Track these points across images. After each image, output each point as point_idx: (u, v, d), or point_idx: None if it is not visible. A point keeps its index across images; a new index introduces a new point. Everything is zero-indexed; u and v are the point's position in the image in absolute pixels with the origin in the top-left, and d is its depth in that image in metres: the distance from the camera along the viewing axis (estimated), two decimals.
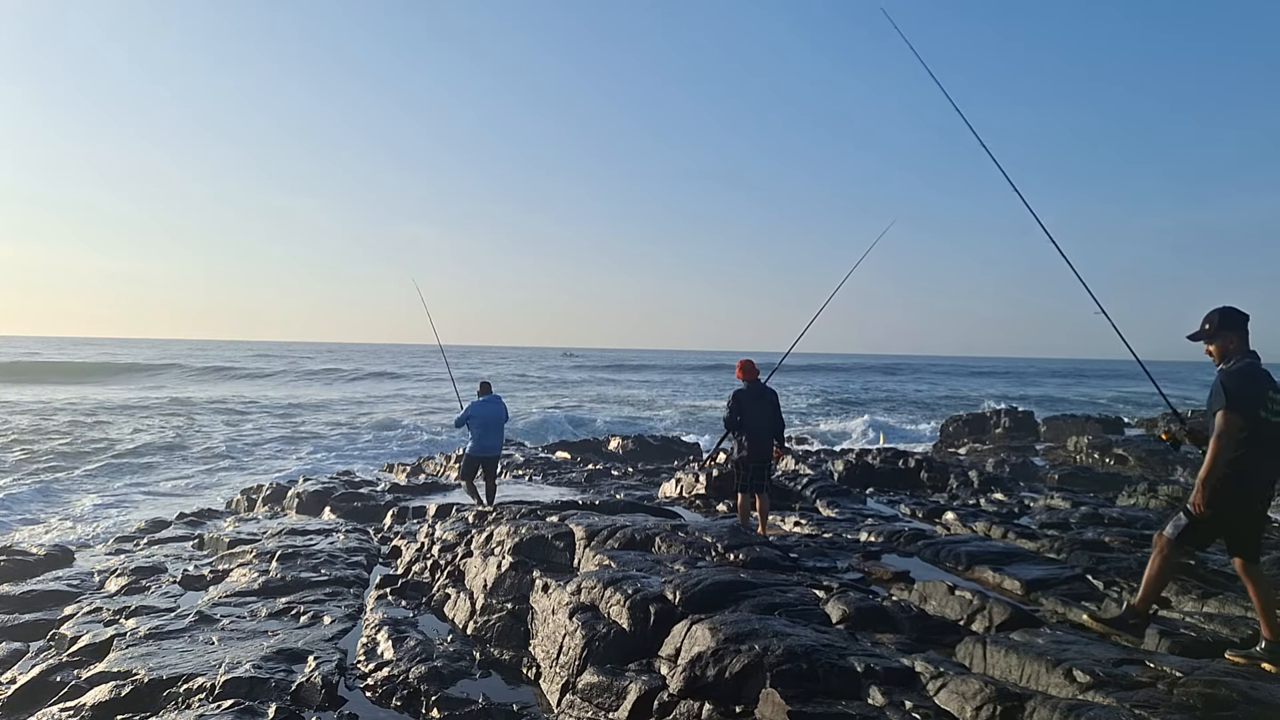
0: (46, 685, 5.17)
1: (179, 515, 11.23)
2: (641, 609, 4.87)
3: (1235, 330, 4.20)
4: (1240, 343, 4.21)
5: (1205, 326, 4.28)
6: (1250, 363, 4.14)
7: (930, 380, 71.22)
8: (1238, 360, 4.16)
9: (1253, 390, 4.01)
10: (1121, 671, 3.54)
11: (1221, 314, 4.23)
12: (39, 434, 23.10)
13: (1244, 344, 4.21)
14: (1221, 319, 4.22)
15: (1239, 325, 4.21)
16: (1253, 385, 4.02)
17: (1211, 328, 4.25)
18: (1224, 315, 4.22)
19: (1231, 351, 4.20)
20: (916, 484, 13.62)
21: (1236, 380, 4.04)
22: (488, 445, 10.39)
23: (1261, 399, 4.01)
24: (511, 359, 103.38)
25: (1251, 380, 4.04)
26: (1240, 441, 3.97)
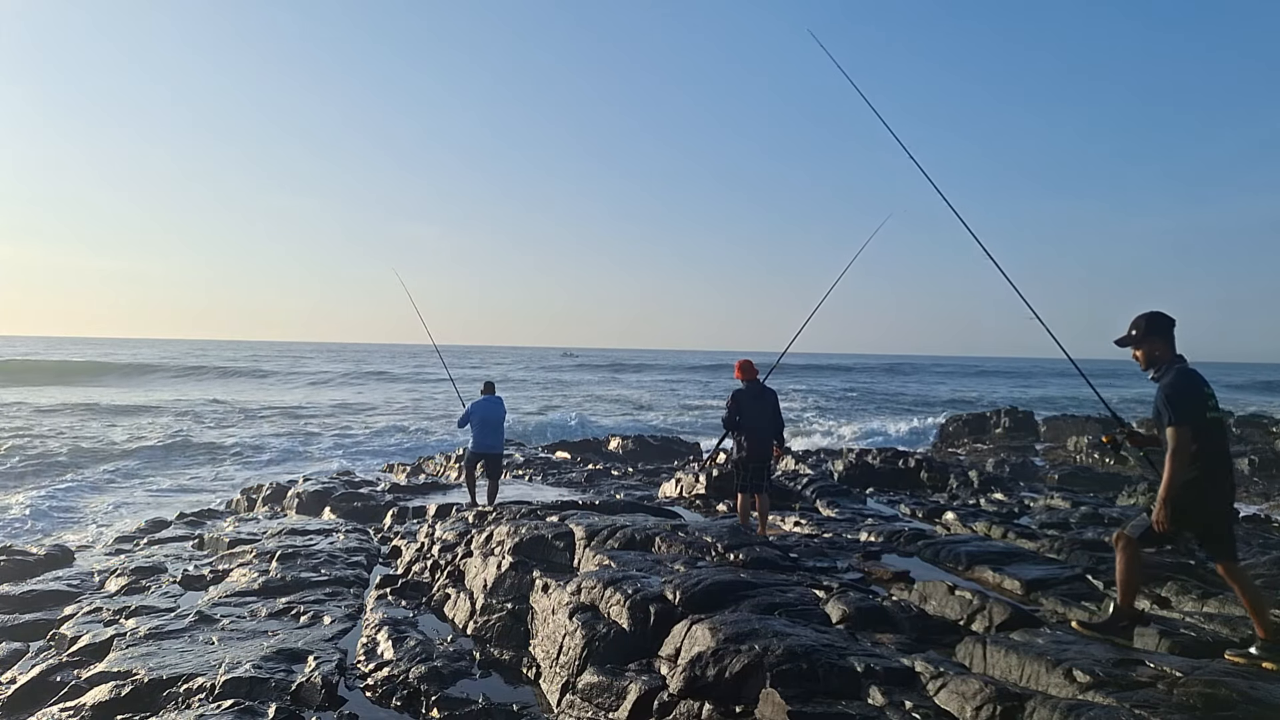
0: (46, 685, 5.17)
1: (179, 515, 11.24)
2: (641, 609, 4.87)
3: (1162, 335, 4.26)
4: (1166, 348, 4.26)
5: (1132, 332, 4.34)
6: (1181, 369, 4.20)
7: (932, 380, 71.20)
8: (1168, 367, 4.22)
9: (1194, 398, 4.09)
10: (1121, 671, 3.54)
11: (1148, 319, 4.29)
12: (38, 434, 23.11)
13: (1170, 349, 4.27)
14: (1148, 324, 4.28)
15: (1165, 330, 4.27)
16: (1192, 392, 4.10)
17: (1138, 333, 4.31)
18: (1149, 320, 4.29)
19: (1158, 357, 4.27)
20: (916, 484, 13.62)
21: (1179, 392, 4.09)
22: (486, 443, 10.51)
23: (1202, 404, 4.10)
24: (512, 359, 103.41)
25: (1189, 388, 4.11)
26: (1200, 449, 4.04)
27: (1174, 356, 4.26)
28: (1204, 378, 4.22)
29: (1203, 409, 4.10)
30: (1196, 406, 4.08)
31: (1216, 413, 4.17)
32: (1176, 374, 4.17)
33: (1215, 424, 4.14)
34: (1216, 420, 4.15)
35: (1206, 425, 4.09)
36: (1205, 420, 4.09)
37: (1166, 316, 4.31)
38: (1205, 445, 4.08)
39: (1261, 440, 21.44)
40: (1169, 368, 4.22)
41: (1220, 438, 4.19)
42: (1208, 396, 4.14)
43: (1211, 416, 4.13)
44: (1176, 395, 4.08)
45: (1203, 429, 4.07)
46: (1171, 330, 4.29)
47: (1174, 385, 4.12)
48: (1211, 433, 4.11)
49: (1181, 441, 4.04)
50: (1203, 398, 4.12)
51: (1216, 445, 4.14)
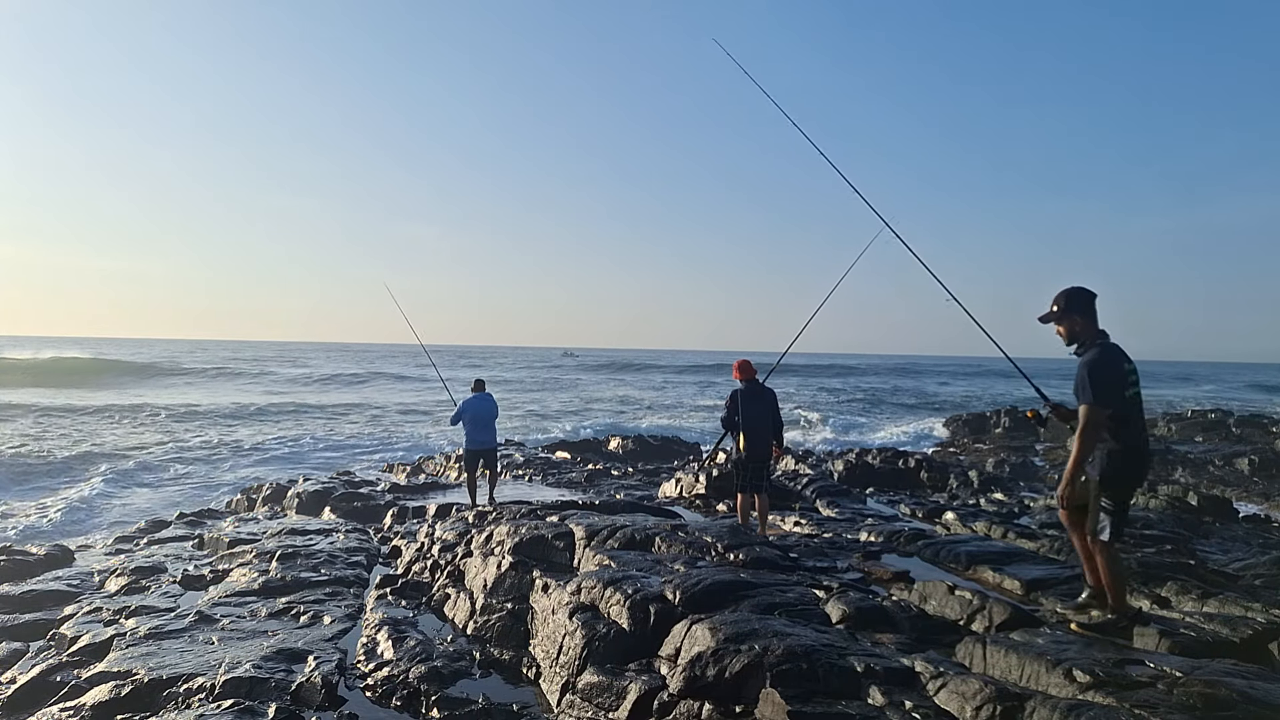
0: (46, 685, 5.17)
1: (179, 515, 11.24)
2: (641, 609, 4.87)
3: (1082, 312, 4.27)
4: (1087, 324, 4.28)
5: (1054, 308, 4.35)
6: (1104, 346, 4.22)
7: (936, 380, 71.16)
8: (1091, 344, 4.24)
9: (1113, 377, 4.13)
10: (1121, 671, 3.54)
11: (1068, 295, 4.30)
12: (37, 435, 23.12)
13: (1091, 325, 4.28)
14: (1068, 300, 4.29)
15: (1086, 305, 4.28)
16: (1112, 372, 4.14)
17: (1059, 309, 4.32)
18: (1069, 296, 4.29)
19: (1079, 333, 4.29)
20: (916, 484, 13.62)
21: (1100, 371, 4.12)
22: (480, 439, 10.66)
23: (1121, 382, 4.14)
24: (512, 359, 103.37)
25: (1111, 367, 4.15)
26: (1120, 423, 4.12)
27: (1096, 332, 4.26)
28: (1125, 354, 4.24)
29: (1121, 388, 4.13)
30: (1115, 386, 4.11)
31: (1136, 389, 4.21)
32: (1099, 351, 4.19)
33: (1134, 401, 4.18)
34: (1135, 397, 4.19)
35: (1126, 401, 4.14)
36: (1124, 399, 4.13)
37: (1087, 291, 4.32)
38: (1129, 418, 4.15)
39: (1261, 440, 21.45)
40: (1091, 344, 4.24)
41: (1139, 415, 4.23)
42: (1128, 374, 4.18)
43: (1130, 395, 4.17)
44: (1096, 374, 4.11)
45: (1123, 404, 4.13)
46: (1093, 305, 4.29)
47: (1094, 363, 4.15)
48: (1129, 409, 4.16)
49: (1092, 420, 4.08)
50: (1122, 375, 4.16)
51: (1133, 421, 4.19)
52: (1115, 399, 4.11)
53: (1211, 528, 9.77)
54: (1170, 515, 9.88)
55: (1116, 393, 4.12)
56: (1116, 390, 4.12)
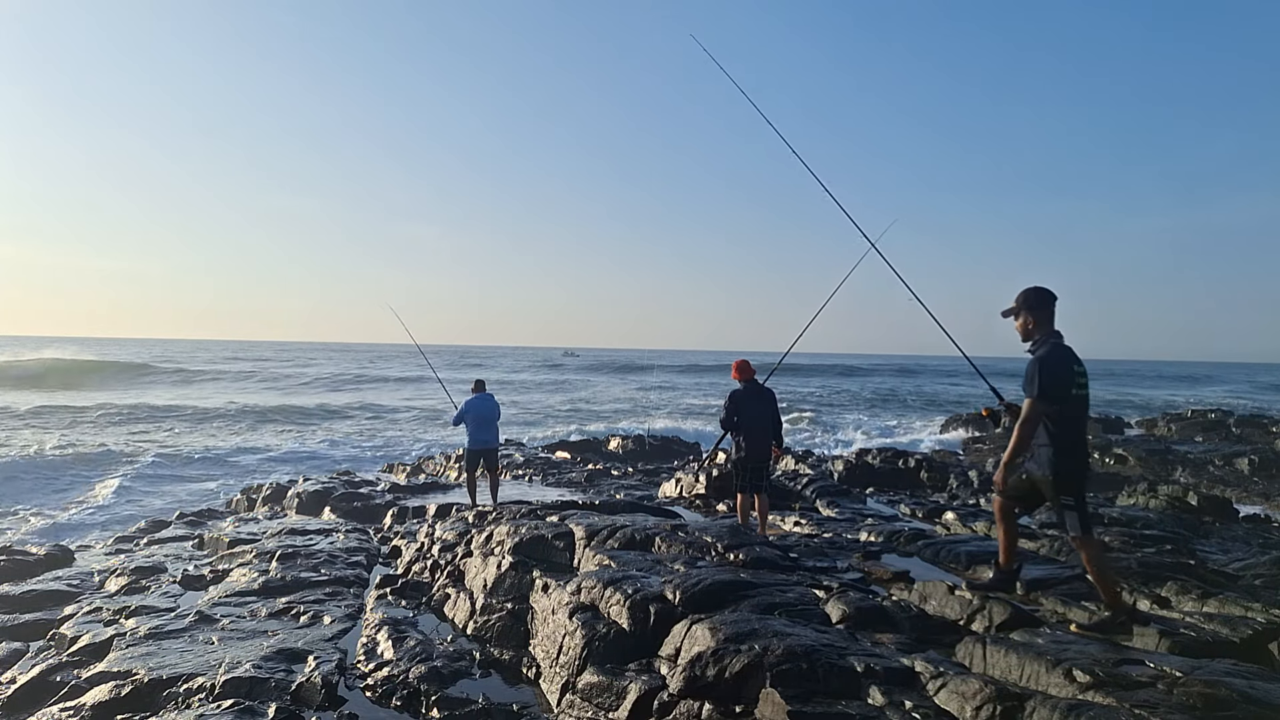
0: (46, 685, 5.17)
1: (179, 515, 11.24)
2: (641, 609, 4.87)
3: (1039, 309, 4.47)
4: (1041, 321, 4.47)
5: (1014, 304, 4.56)
6: (1055, 345, 4.39)
7: (938, 381, 71.12)
8: (1044, 340, 4.43)
9: (1062, 374, 4.30)
10: (1121, 671, 3.54)
11: (1027, 294, 4.52)
12: (36, 436, 23.12)
13: (1046, 322, 4.47)
14: (1026, 299, 4.51)
15: (1044, 305, 4.47)
16: (1060, 369, 4.31)
17: (1018, 305, 4.53)
18: (1027, 295, 4.52)
19: (1033, 331, 4.49)
20: (916, 484, 13.62)
21: (1046, 368, 4.29)
22: (483, 439, 10.65)
23: (1070, 380, 4.31)
24: (512, 359, 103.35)
25: (1059, 365, 4.32)
26: (1063, 421, 4.31)
27: (1050, 332, 4.45)
28: (1077, 356, 4.40)
29: (1068, 386, 4.30)
30: (1062, 384, 4.28)
31: (1083, 391, 4.38)
32: (1050, 349, 4.36)
33: (1079, 401, 4.36)
34: (1081, 398, 4.36)
35: (1073, 399, 4.31)
36: (1070, 396, 4.30)
37: (1047, 292, 4.51)
38: (1075, 415, 4.34)
39: (1261, 440, 21.45)
40: (1044, 341, 4.42)
41: (1081, 415, 4.41)
42: (1076, 375, 4.33)
43: (1076, 394, 4.33)
44: (1044, 370, 4.28)
45: (1070, 401, 4.30)
46: (1051, 305, 4.47)
47: (1044, 360, 4.32)
48: (1078, 408, 4.35)
49: (1033, 413, 4.29)
50: (1070, 375, 4.31)
51: (1077, 420, 4.37)
52: (1061, 396, 4.29)
53: (1211, 528, 9.77)
54: (1170, 515, 9.87)
55: (1063, 390, 4.29)
56: (1063, 388, 4.29)
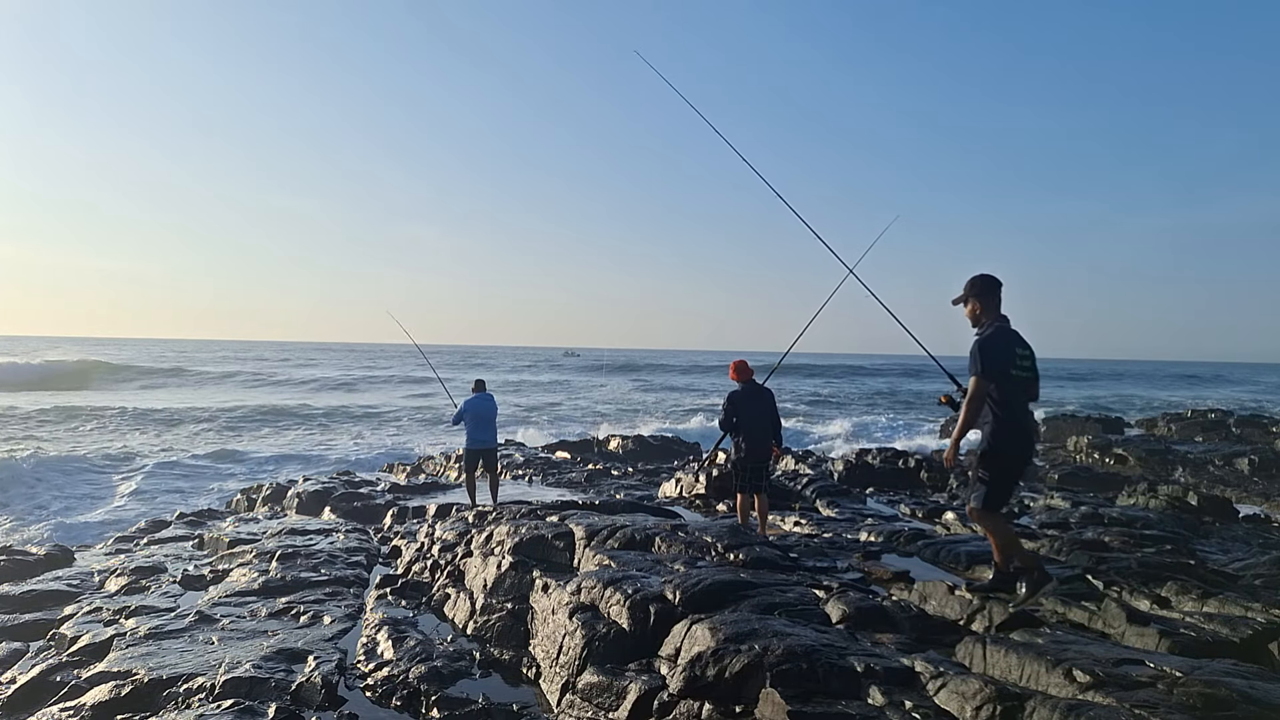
0: (46, 685, 5.17)
1: (179, 515, 11.24)
2: (641, 609, 4.87)
3: (985, 296, 4.73)
4: (987, 307, 4.72)
5: (963, 292, 4.80)
6: (999, 328, 4.65)
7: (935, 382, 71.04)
8: (989, 325, 4.68)
9: (1002, 355, 4.54)
10: (1121, 671, 3.54)
11: (973, 281, 4.76)
12: (37, 436, 23.12)
13: (993, 308, 4.72)
14: (973, 286, 4.75)
15: (990, 291, 4.73)
16: (1002, 350, 4.55)
17: (967, 293, 4.79)
18: (974, 283, 4.76)
19: (980, 315, 4.73)
20: (916, 484, 13.62)
21: (988, 348, 4.55)
22: (482, 439, 10.68)
23: (1010, 360, 4.55)
24: (513, 359, 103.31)
25: (1000, 346, 4.56)
26: (1003, 400, 4.54)
27: (996, 317, 4.70)
28: (1022, 339, 4.66)
29: (1009, 365, 4.54)
30: (1002, 362, 4.52)
31: (1026, 373, 4.60)
32: (994, 331, 4.62)
33: (1019, 381, 4.58)
34: (1021, 378, 4.58)
35: (1010, 380, 4.54)
36: (1009, 375, 4.54)
37: (993, 279, 4.76)
38: (1006, 397, 4.56)
39: (1261, 440, 21.43)
40: (990, 325, 4.68)
41: (1021, 394, 4.62)
42: (1018, 356, 4.57)
43: (1016, 374, 4.56)
44: (985, 349, 4.54)
45: (1010, 382, 4.54)
46: (996, 292, 4.74)
47: (985, 341, 4.59)
48: (1014, 388, 4.57)
49: (977, 390, 4.53)
50: (1011, 355, 4.55)
51: (1017, 400, 4.59)
52: (1000, 375, 4.53)
53: (1211, 528, 9.77)
54: (1170, 515, 9.87)
55: (1003, 369, 4.53)
56: (1003, 367, 4.53)
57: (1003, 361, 4.53)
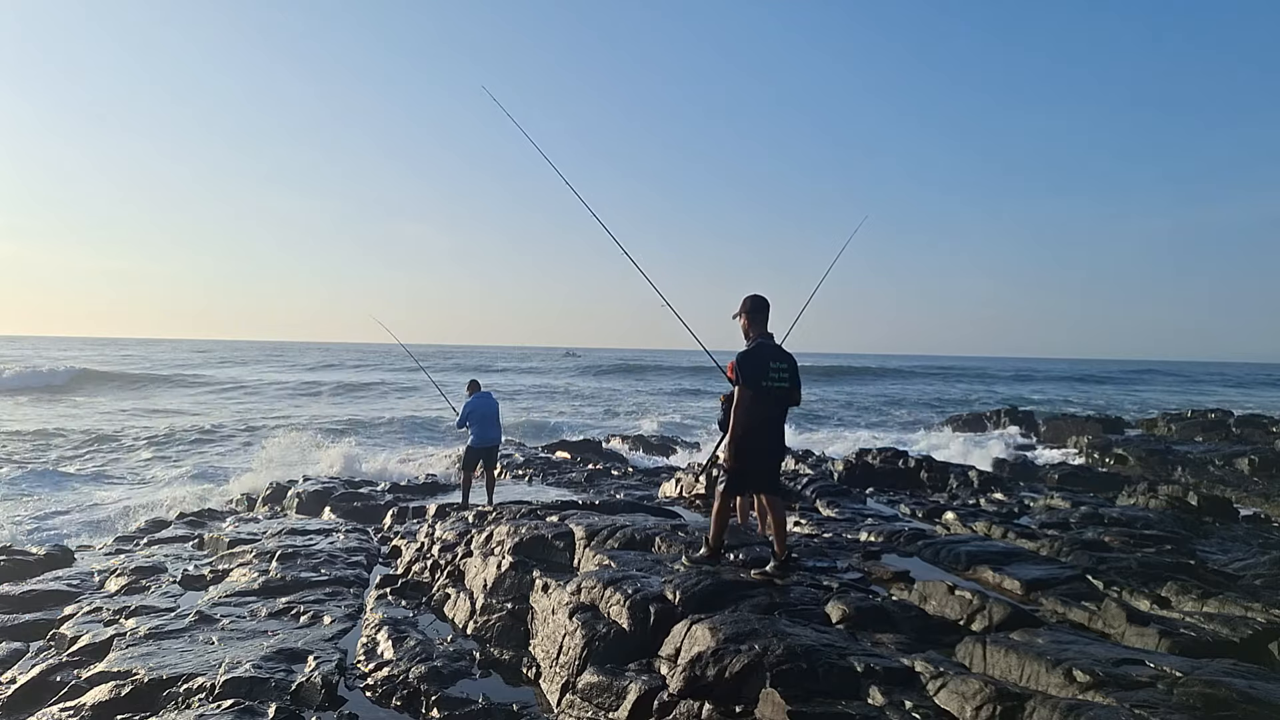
0: (46, 685, 5.17)
1: (179, 515, 11.24)
2: (641, 609, 4.87)
3: (754, 314, 5.35)
4: (753, 323, 5.35)
5: (739, 309, 5.40)
6: (760, 344, 5.29)
7: (938, 384, 71.03)
8: (753, 341, 5.32)
9: (758, 367, 5.18)
10: (1121, 671, 3.54)
11: (744, 301, 5.38)
12: (38, 435, 23.12)
13: (758, 325, 5.34)
14: (744, 305, 5.37)
15: (758, 310, 5.36)
16: (756, 363, 5.19)
17: (740, 310, 5.40)
18: (745, 302, 5.38)
19: (748, 330, 5.36)
20: (916, 484, 13.62)
21: (745, 362, 5.19)
22: (490, 437, 10.78)
23: (764, 373, 5.18)
24: (513, 359, 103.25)
25: (755, 360, 5.20)
26: (754, 407, 5.16)
27: (761, 333, 5.34)
28: (780, 354, 5.30)
29: (761, 377, 5.17)
30: (756, 374, 5.16)
31: (781, 383, 5.23)
32: (755, 347, 5.27)
33: (771, 392, 5.20)
34: (773, 389, 5.20)
35: (763, 392, 5.17)
36: (761, 386, 5.16)
37: (762, 299, 5.39)
38: (764, 405, 5.19)
39: (1261, 440, 21.42)
40: (754, 341, 5.32)
41: (772, 404, 5.23)
42: (772, 369, 5.20)
43: (768, 385, 5.18)
44: (742, 363, 5.19)
45: (762, 392, 5.16)
46: (763, 312, 5.37)
47: (744, 356, 5.24)
48: (765, 399, 5.19)
49: (741, 397, 5.18)
50: (765, 369, 5.18)
51: (766, 409, 5.21)
52: (754, 385, 5.16)
53: (1211, 528, 9.77)
54: (1170, 515, 9.87)
55: (756, 380, 5.16)
56: (757, 378, 5.16)
57: (758, 374, 5.17)
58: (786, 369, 5.28)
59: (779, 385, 5.26)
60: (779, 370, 5.24)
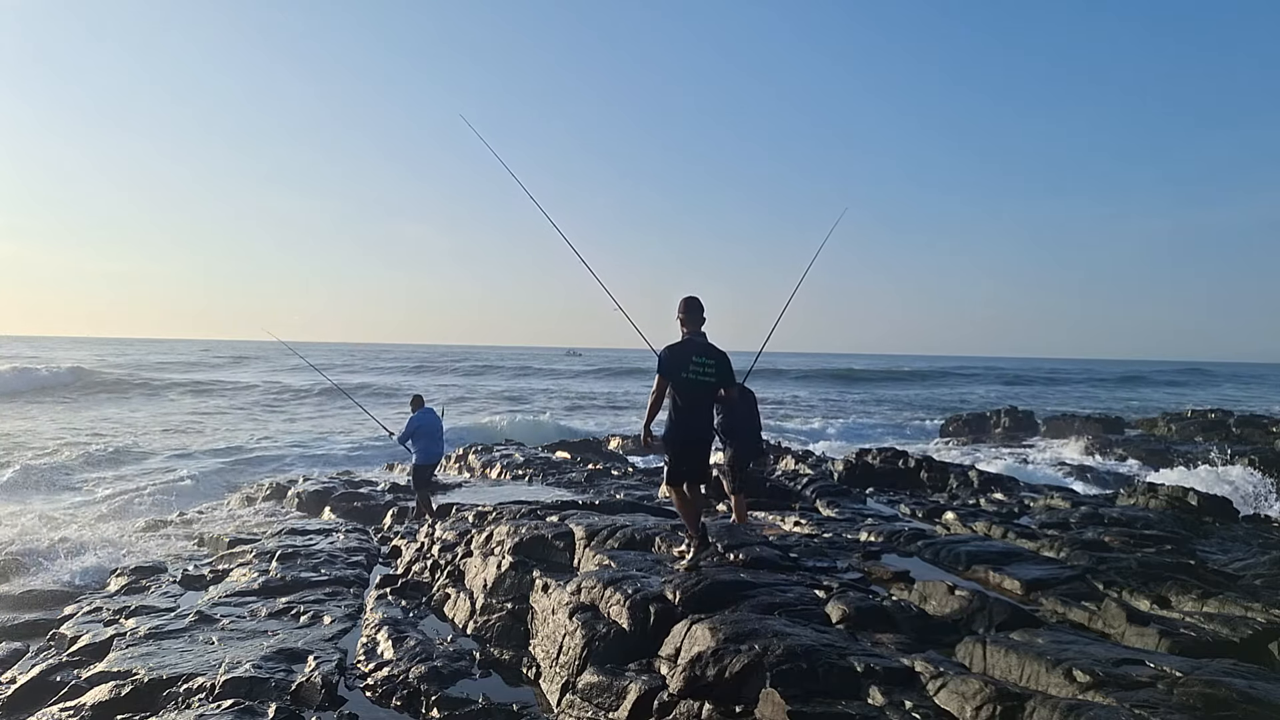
0: (46, 685, 5.17)
1: (179, 515, 11.24)
2: (641, 609, 4.87)
3: (687, 314, 5.72)
4: (685, 322, 5.72)
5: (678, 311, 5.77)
6: (687, 339, 5.67)
7: (941, 386, 70.97)
8: (683, 338, 5.68)
9: (677, 361, 5.54)
10: (1121, 671, 3.54)
11: (680, 302, 5.76)
12: (34, 438, 23.10)
13: (692, 323, 5.71)
14: (680, 306, 5.76)
15: (691, 310, 5.73)
16: (677, 357, 5.56)
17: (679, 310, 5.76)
18: (680, 303, 5.76)
19: (682, 327, 5.72)
20: (916, 484, 13.61)
21: (665, 356, 5.58)
22: (435, 452, 10.73)
23: (684, 365, 5.54)
24: (513, 359, 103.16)
25: (677, 353, 5.57)
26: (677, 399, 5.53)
27: (694, 331, 5.70)
28: (708, 350, 5.63)
29: (681, 370, 5.53)
30: (676, 367, 5.53)
31: (705, 377, 5.58)
32: (679, 343, 5.65)
33: (691, 384, 5.56)
34: (693, 381, 5.55)
35: (683, 382, 5.54)
36: (680, 378, 5.53)
37: (693, 299, 5.76)
38: (686, 395, 5.54)
39: (1261, 440, 21.43)
40: (683, 338, 5.68)
41: (691, 396, 5.58)
42: (694, 363, 5.56)
43: (688, 378, 5.54)
44: (662, 357, 5.58)
45: (679, 385, 5.53)
46: (695, 311, 5.72)
47: (666, 350, 5.63)
48: (686, 390, 5.55)
49: (657, 386, 5.59)
50: (686, 363, 5.55)
51: (687, 400, 5.56)
52: (673, 378, 5.53)
53: (1211, 528, 9.77)
54: (1170, 515, 9.87)
55: (676, 373, 5.52)
56: (676, 371, 5.52)
57: (677, 367, 5.53)
58: (713, 364, 5.62)
59: (702, 379, 5.60)
60: (702, 364, 5.58)
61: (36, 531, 9.93)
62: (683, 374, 5.55)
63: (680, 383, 5.55)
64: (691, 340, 5.68)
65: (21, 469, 16.21)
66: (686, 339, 5.68)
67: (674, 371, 5.55)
